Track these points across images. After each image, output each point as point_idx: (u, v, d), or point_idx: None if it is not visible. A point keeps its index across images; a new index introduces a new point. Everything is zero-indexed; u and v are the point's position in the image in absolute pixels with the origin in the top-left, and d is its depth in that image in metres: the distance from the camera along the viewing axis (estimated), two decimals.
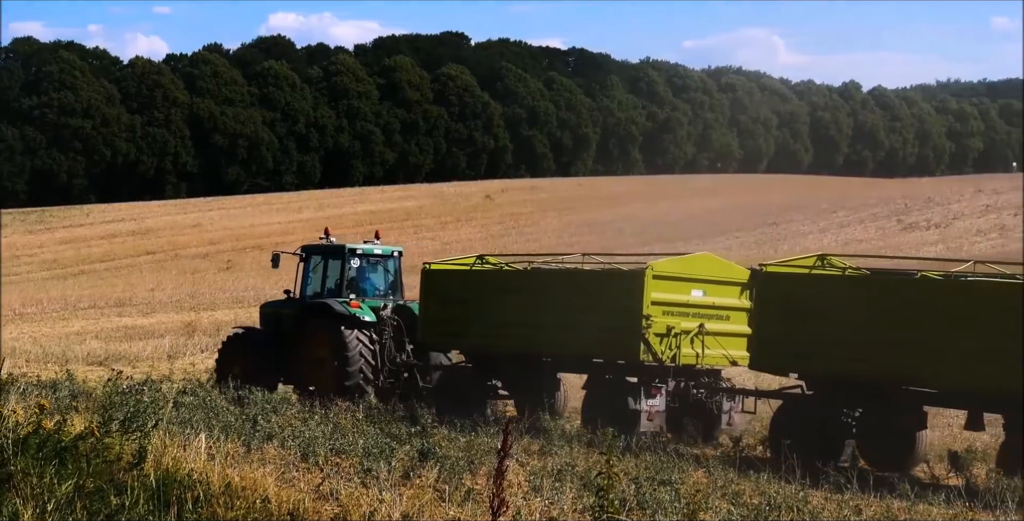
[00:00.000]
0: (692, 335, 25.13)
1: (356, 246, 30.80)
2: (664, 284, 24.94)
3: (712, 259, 27.07)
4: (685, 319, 25.18)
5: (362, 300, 29.89)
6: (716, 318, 25.64)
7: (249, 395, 25.54)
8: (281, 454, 17.92)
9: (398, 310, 29.98)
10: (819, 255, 23.83)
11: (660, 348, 24.70)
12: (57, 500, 12.70)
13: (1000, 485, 19.23)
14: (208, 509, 13.15)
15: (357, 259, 30.57)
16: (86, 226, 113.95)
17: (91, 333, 50.82)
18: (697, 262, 26.50)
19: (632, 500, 15.63)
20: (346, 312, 29.23)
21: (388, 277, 31.25)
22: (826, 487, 19.39)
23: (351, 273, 30.49)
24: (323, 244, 31.43)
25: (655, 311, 24.63)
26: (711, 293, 25.71)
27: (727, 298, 25.76)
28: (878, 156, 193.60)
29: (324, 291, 30.58)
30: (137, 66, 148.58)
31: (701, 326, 25.24)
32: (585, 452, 21.31)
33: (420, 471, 16.99)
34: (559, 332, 25.73)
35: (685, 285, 25.38)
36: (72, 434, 14.02)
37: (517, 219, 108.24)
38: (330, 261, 30.72)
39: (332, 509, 13.94)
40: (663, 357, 24.78)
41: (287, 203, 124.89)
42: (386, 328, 29.40)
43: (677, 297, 25.17)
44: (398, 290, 31.20)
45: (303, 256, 31.18)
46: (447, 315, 28.18)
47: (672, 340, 24.79)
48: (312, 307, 30.04)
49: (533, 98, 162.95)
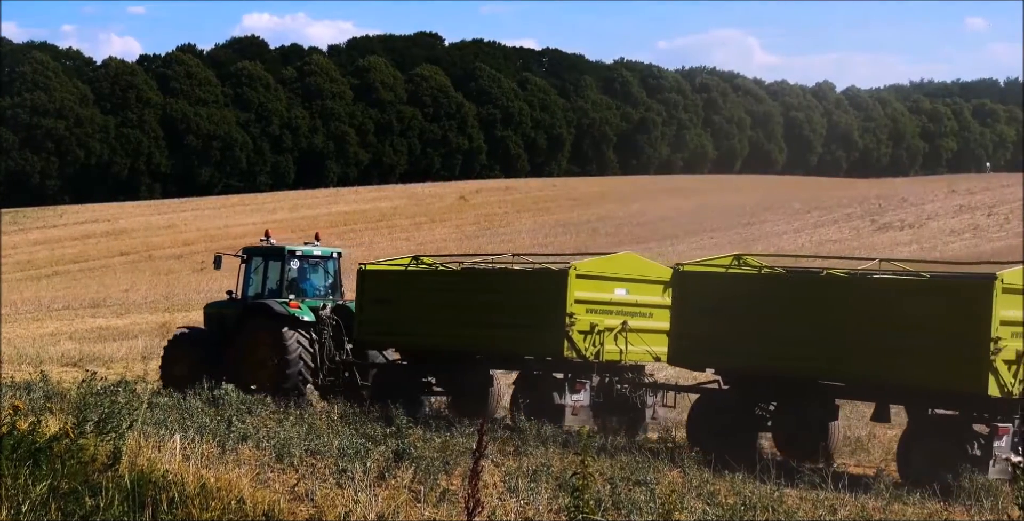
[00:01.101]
0: (616, 332, 26.00)
1: (296, 248, 31.56)
2: (587, 283, 25.92)
3: (635, 258, 27.92)
4: (609, 317, 26.09)
5: (302, 300, 30.67)
6: (640, 315, 26.52)
7: (224, 396, 25.56)
8: (256, 455, 17.90)
9: (337, 310, 30.69)
10: (735, 255, 24.57)
11: (584, 345, 25.60)
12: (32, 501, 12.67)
13: (975, 485, 19.30)
14: (183, 510, 13.14)
15: (297, 260, 31.33)
16: (60, 227, 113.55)
17: (65, 334, 50.66)
18: (620, 262, 27.32)
19: (607, 500, 15.65)
20: (286, 312, 30.00)
21: (327, 278, 31.98)
22: (801, 486, 19.46)
23: (291, 274, 31.23)
24: (263, 246, 32.12)
25: (578, 309, 25.58)
26: (634, 291, 26.57)
27: (650, 296, 26.49)
28: (852, 156, 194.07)
29: (265, 292, 31.36)
30: (111, 67, 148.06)
31: (624, 323, 26.14)
32: (560, 452, 21.34)
33: (395, 472, 16.99)
34: (488, 330, 26.74)
35: (608, 284, 26.31)
36: (46, 435, 13.99)
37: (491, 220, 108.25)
38: (271, 263, 31.49)
39: (307, 510, 13.94)
40: (586, 353, 25.65)
41: (261, 204, 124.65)
42: (325, 327, 30.14)
43: (600, 296, 26.10)
44: (337, 290, 32.03)
45: (244, 258, 31.96)
46: (381, 314, 29.10)
47: (596, 337, 25.69)
48: (253, 307, 30.78)
49: (507, 98, 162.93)
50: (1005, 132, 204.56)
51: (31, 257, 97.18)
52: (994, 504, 18.36)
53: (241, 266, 31.91)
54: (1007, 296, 20.14)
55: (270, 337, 29.85)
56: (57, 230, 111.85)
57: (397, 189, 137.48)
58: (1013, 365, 20.04)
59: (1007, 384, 20.02)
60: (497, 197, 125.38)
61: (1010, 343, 20.06)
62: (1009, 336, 20.11)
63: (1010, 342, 20.07)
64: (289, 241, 34.74)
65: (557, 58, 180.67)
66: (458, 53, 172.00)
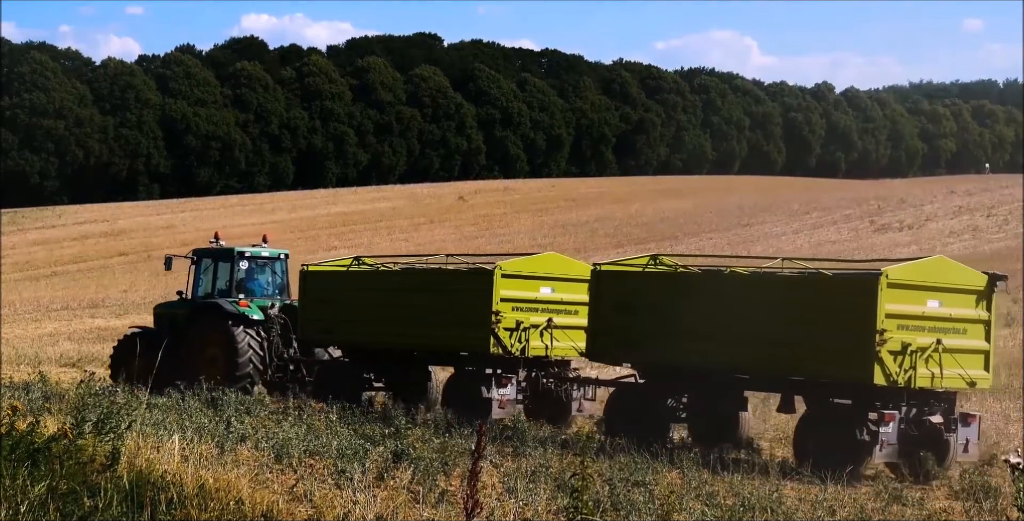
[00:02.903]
0: (541, 329, 27.11)
1: (244, 249, 32.57)
2: (513, 282, 27.15)
3: (560, 258, 28.90)
4: (535, 314, 27.24)
5: (251, 300, 31.72)
6: (565, 313, 27.60)
7: (223, 397, 25.64)
8: (255, 455, 17.89)
9: (285, 309, 31.78)
10: (652, 255, 25.55)
11: (510, 341, 26.77)
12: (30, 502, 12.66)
13: (974, 486, 19.32)
14: (182, 511, 13.13)
15: (246, 261, 32.33)
16: (58, 227, 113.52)
17: (64, 335, 50.67)
18: (545, 261, 28.44)
19: (606, 501, 15.65)
20: (235, 311, 31.11)
21: (275, 278, 32.97)
22: (799, 487, 19.46)
23: (240, 275, 32.25)
24: (213, 248, 33.14)
25: (504, 307, 26.82)
26: (560, 290, 27.66)
27: (575, 294, 27.29)
28: (851, 157, 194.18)
29: (215, 292, 32.35)
30: (109, 67, 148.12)
31: (550, 320, 27.25)
32: (559, 453, 21.34)
33: (394, 472, 16.98)
34: (424, 328, 27.90)
35: (534, 283, 27.52)
36: (45, 436, 13.98)
37: (490, 220, 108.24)
38: (220, 264, 32.47)
39: (306, 510, 13.93)
40: (512, 350, 26.82)
41: (260, 204, 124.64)
42: (274, 326, 31.21)
43: (526, 294, 27.29)
44: (285, 290, 33.05)
45: (194, 259, 32.93)
46: (324, 313, 30.17)
47: (521, 334, 26.85)
48: (203, 307, 31.85)
49: (506, 99, 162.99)
50: (1004, 133, 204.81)
51: (30, 258, 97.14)
52: (993, 506, 18.34)
53: (191, 267, 32.86)
54: (892, 291, 21.26)
55: (221, 335, 30.84)
56: (56, 230, 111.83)
57: (396, 190, 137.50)
58: (899, 356, 21.20)
59: (892, 373, 21.18)
60: (496, 198, 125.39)
61: (896, 335, 21.19)
62: (895, 329, 21.24)
63: (896, 334, 21.19)
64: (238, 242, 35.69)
65: (556, 59, 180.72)
66: (457, 54, 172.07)
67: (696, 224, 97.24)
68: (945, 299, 22.02)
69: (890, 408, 21.57)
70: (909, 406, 21.91)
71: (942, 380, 21.74)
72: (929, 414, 22.07)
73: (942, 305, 21.96)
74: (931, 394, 22.14)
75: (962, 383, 22.22)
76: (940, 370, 21.62)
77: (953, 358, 21.85)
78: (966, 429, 22.05)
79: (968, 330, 22.32)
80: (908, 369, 21.28)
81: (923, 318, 21.73)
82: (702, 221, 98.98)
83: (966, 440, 22.02)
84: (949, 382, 21.92)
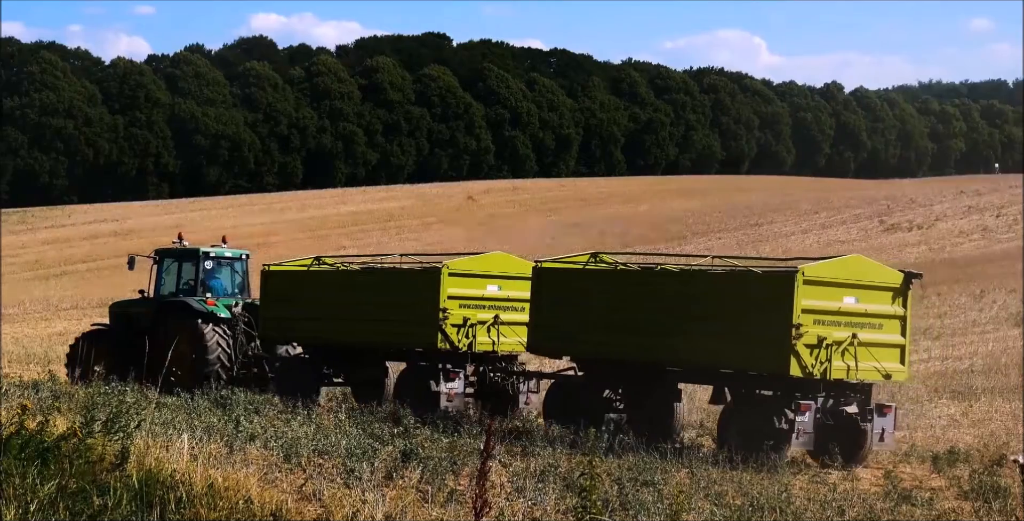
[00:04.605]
0: (488, 325, 28.19)
1: (210, 249, 33.43)
2: (460, 281, 28.28)
3: (507, 257, 29.74)
4: (481, 311, 28.31)
5: (217, 299, 32.68)
6: (512, 310, 28.49)
7: (232, 396, 25.68)
8: (264, 455, 17.89)
9: (247, 308, 32.58)
10: (592, 253, 26.62)
11: (457, 337, 27.87)
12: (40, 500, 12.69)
13: (984, 486, 19.30)
14: (191, 510, 13.14)
15: (210, 261, 33.25)
16: (68, 227, 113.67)
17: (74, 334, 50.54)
18: (492, 260, 29.41)
19: (615, 501, 15.65)
20: (204, 309, 31.95)
21: (236, 277, 33.84)
22: (809, 487, 19.45)
23: (202, 274, 33.01)
24: (177, 248, 34.01)
25: (451, 304, 27.91)
26: (506, 288, 28.68)
27: (521, 292, 27.88)
28: (860, 157, 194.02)
29: (179, 290, 33.11)
30: (119, 66, 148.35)
31: (496, 317, 28.27)
32: (568, 453, 21.33)
33: (403, 472, 16.98)
34: (378, 325, 28.82)
35: (480, 281, 28.62)
36: (54, 435, 14.01)
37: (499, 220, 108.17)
38: (184, 263, 33.31)
39: (315, 510, 13.94)
40: (460, 345, 27.93)
41: (269, 204, 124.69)
42: (238, 324, 32.01)
43: (473, 292, 28.41)
44: (245, 289, 33.89)
45: (156, 259, 33.69)
46: (284, 311, 31.15)
47: (469, 330, 27.96)
48: (170, 305, 32.54)
49: (515, 99, 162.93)
50: (1014, 133, 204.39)
51: (39, 257, 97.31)
52: (1003, 506, 18.32)
53: (153, 267, 33.59)
54: (808, 287, 22.34)
55: (189, 333, 31.39)
56: (65, 230, 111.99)
57: (405, 189, 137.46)
58: (815, 349, 22.25)
59: (808, 366, 22.24)
60: (505, 197, 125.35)
61: (812, 329, 22.26)
62: (811, 323, 22.31)
63: (812, 329, 22.26)
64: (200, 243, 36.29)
65: (565, 59, 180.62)
66: (466, 53, 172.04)
67: (705, 224, 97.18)
68: (862, 296, 23.08)
69: (806, 398, 22.61)
70: (826, 397, 23.00)
71: (857, 372, 22.83)
72: (846, 404, 23.17)
73: (858, 301, 23.05)
74: (848, 386, 23.23)
75: (878, 375, 23.29)
76: (856, 363, 22.70)
77: (869, 351, 22.91)
78: (882, 419, 23.21)
79: (884, 325, 23.36)
80: (824, 362, 22.36)
81: (839, 313, 22.78)
82: (711, 221, 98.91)
83: (882, 429, 23.14)
84: (864, 374, 23.02)
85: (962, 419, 29.69)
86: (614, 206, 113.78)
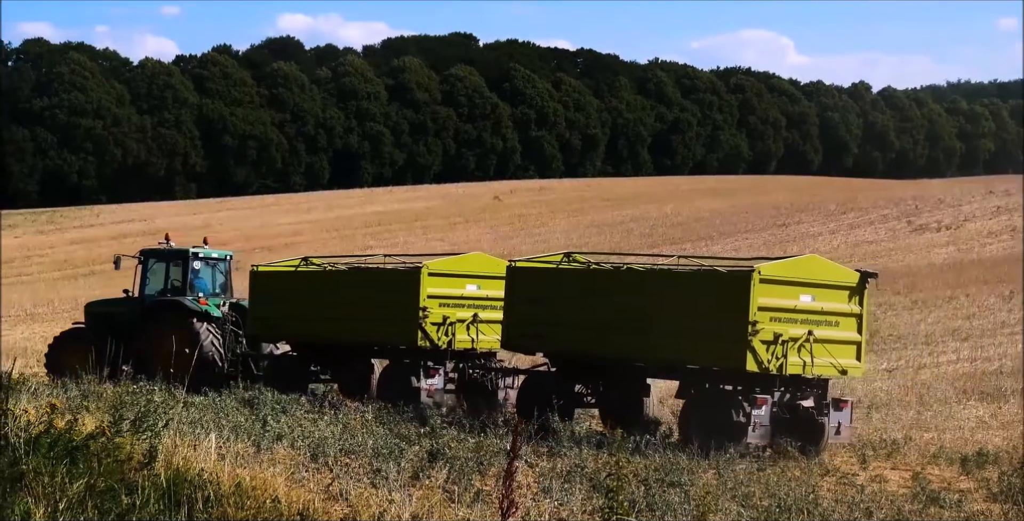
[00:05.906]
0: (467, 323, 29.00)
1: (198, 250, 34.18)
2: (439, 280, 29.07)
3: (486, 258, 30.70)
4: (461, 310, 29.14)
5: (208, 298, 33.32)
6: (491, 308, 29.06)
7: (259, 396, 25.77)
8: (291, 454, 17.93)
9: (235, 307, 33.30)
10: (565, 253, 27.44)
11: (437, 335, 28.75)
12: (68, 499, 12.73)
13: (1012, 488, 19.22)
14: (218, 509, 13.17)
15: (199, 262, 33.95)
16: (96, 226, 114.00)
17: None
18: (471, 261, 30.31)
19: (641, 502, 15.64)
20: (199, 309, 32.59)
21: (221, 277, 34.52)
22: (836, 488, 19.40)
23: (190, 274, 33.61)
24: (163, 248, 34.85)
25: (431, 303, 28.74)
26: (485, 287, 29.36)
27: (499, 291, 28.34)
28: (888, 157, 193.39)
29: (167, 290, 33.74)
30: (147, 67, 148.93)
31: (475, 315, 29.11)
32: (595, 453, 21.32)
33: (429, 472, 17.00)
34: (363, 323, 29.67)
35: (460, 281, 29.43)
36: (83, 434, 14.05)
37: (526, 220, 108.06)
38: (172, 264, 34.02)
39: (342, 509, 13.95)
40: (439, 343, 28.77)
41: (296, 204, 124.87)
42: (226, 323, 32.73)
43: (452, 291, 29.21)
44: (229, 289, 34.61)
45: (142, 259, 34.28)
46: (272, 310, 31.99)
47: (448, 328, 28.83)
48: (161, 305, 33.18)
49: (542, 99, 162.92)
50: None
51: (68, 256, 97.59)
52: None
53: (138, 267, 34.14)
54: (765, 286, 23.06)
55: (185, 331, 32.00)
56: (94, 230, 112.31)
57: (431, 189, 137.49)
58: (771, 345, 23.00)
59: (764, 361, 22.94)
60: (531, 197, 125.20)
61: (768, 326, 22.98)
62: (767, 320, 23.04)
63: (768, 325, 22.99)
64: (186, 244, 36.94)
65: (591, 59, 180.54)
66: (492, 53, 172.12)
67: (732, 224, 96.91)
68: (818, 294, 23.76)
69: (762, 393, 23.32)
70: (783, 391, 23.70)
71: (813, 368, 23.51)
72: (802, 399, 23.92)
73: (815, 299, 23.71)
74: (804, 381, 23.94)
75: (833, 371, 23.98)
76: (811, 359, 23.35)
77: (825, 348, 23.57)
78: (838, 413, 23.85)
79: (840, 323, 24.00)
80: (780, 357, 23.06)
81: (795, 311, 23.47)
82: (738, 221, 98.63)
83: (838, 423, 23.78)
84: (820, 370, 23.69)
85: (991, 421, 29.57)
86: (640, 206, 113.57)
